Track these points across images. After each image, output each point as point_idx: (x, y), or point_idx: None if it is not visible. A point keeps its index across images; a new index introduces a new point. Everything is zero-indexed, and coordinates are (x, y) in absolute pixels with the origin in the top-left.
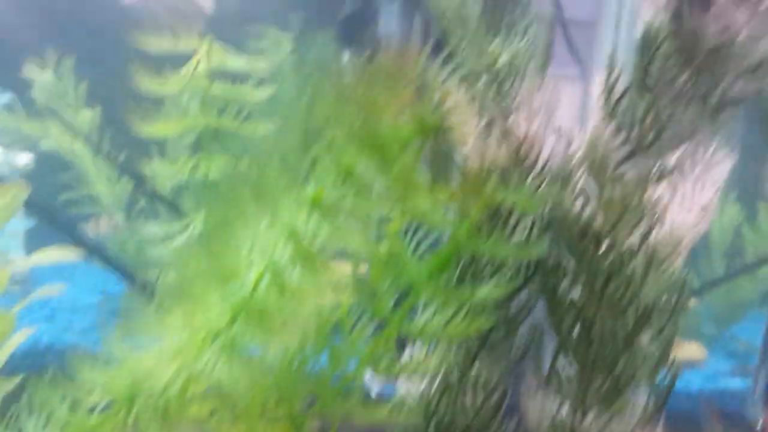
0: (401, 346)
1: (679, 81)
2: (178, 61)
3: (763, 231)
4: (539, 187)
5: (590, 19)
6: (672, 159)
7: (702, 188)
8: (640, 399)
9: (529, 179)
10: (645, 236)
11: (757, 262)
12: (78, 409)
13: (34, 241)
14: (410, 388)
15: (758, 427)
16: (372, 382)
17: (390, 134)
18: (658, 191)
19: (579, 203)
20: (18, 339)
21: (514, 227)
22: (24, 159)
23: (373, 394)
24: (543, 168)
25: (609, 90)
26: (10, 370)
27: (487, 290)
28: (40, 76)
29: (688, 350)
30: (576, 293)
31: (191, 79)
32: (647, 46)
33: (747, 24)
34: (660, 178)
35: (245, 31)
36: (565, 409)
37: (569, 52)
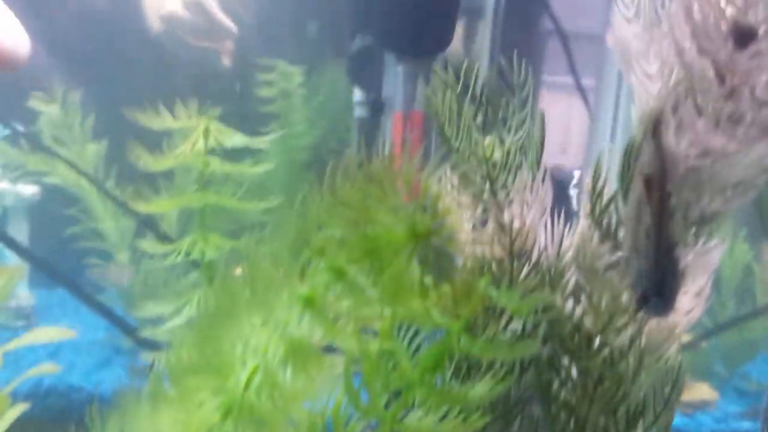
0: None
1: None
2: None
3: None
4: (532, 284)
5: (602, 32)
6: None
7: (695, 275)
8: None
9: (522, 274)
10: (633, 338)
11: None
12: None
13: (38, 276)
14: None
15: None
16: None
17: (383, 238)
18: None
19: (570, 303)
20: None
21: (509, 320)
22: (30, 190)
23: None
24: (537, 263)
25: (596, 197)
26: None
27: (481, 391)
28: (47, 109)
29: (698, 391)
30: (569, 390)
31: (189, 156)
32: (629, 161)
33: (724, 148)
34: None
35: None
36: None
37: (568, 66)
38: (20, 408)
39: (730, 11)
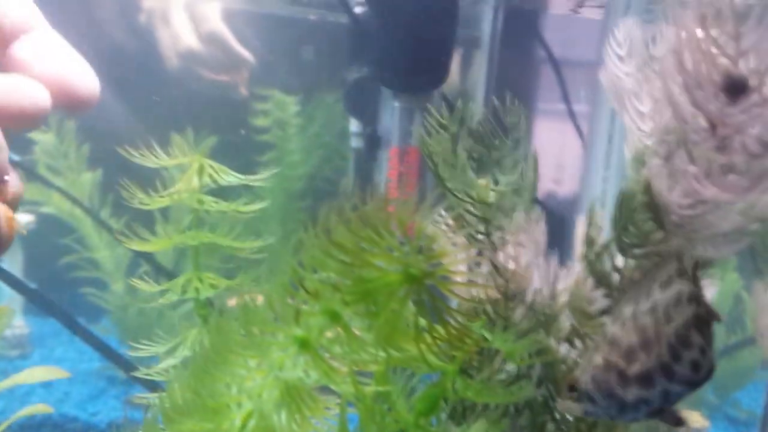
0: None
1: (653, 242)
2: None
3: None
4: (526, 329)
5: (597, 60)
6: None
7: None
8: None
9: (517, 316)
10: None
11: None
12: None
13: (32, 305)
14: None
15: None
16: None
17: (378, 280)
18: None
19: (564, 347)
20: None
21: (504, 361)
22: (25, 219)
23: None
24: (531, 304)
25: (590, 244)
26: None
27: None
28: (43, 138)
29: (690, 419)
30: None
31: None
32: (623, 211)
33: (715, 197)
34: None
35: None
36: None
37: (561, 93)
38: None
39: (721, 61)
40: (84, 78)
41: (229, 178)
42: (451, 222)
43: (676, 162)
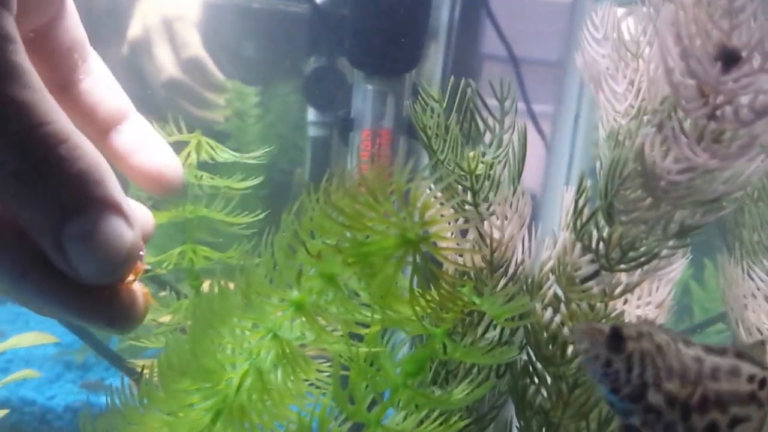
0: None
1: (641, 210)
2: None
3: (709, 288)
4: (512, 294)
5: (560, 60)
6: (635, 275)
7: (658, 287)
8: None
9: (502, 283)
10: None
11: (706, 320)
12: None
13: None
14: None
15: None
16: None
17: (373, 246)
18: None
19: (548, 312)
20: None
21: (487, 328)
22: None
23: None
24: (515, 274)
25: (578, 213)
26: None
27: (460, 394)
28: None
29: None
30: (543, 396)
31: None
32: (612, 178)
33: (705, 164)
34: (623, 292)
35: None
36: None
37: (521, 93)
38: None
39: (716, 34)
40: (174, 164)
41: (224, 155)
42: (440, 194)
43: (668, 130)
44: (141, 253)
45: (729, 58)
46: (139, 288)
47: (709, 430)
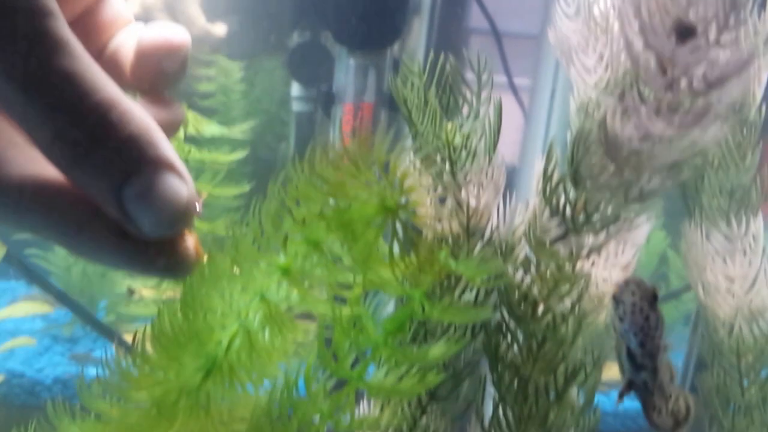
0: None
1: (605, 176)
2: None
3: None
4: (486, 257)
5: (536, 33)
6: (599, 237)
7: (623, 249)
8: None
9: (477, 248)
10: (575, 304)
11: (681, 287)
12: None
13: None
14: None
15: None
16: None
17: (355, 213)
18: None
19: (519, 273)
20: None
21: (463, 291)
22: None
23: None
24: (490, 239)
25: (547, 179)
26: None
27: (438, 351)
28: None
29: (614, 370)
30: (515, 353)
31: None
32: (578, 147)
33: (663, 132)
34: (588, 253)
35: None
36: None
37: (502, 65)
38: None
39: (673, 10)
40: (179, 31)
41: (212, 129)
42: (418, 164)
43: (628, 100)
44: (197, 207)
45: (685, 32)
46: (192, 237)
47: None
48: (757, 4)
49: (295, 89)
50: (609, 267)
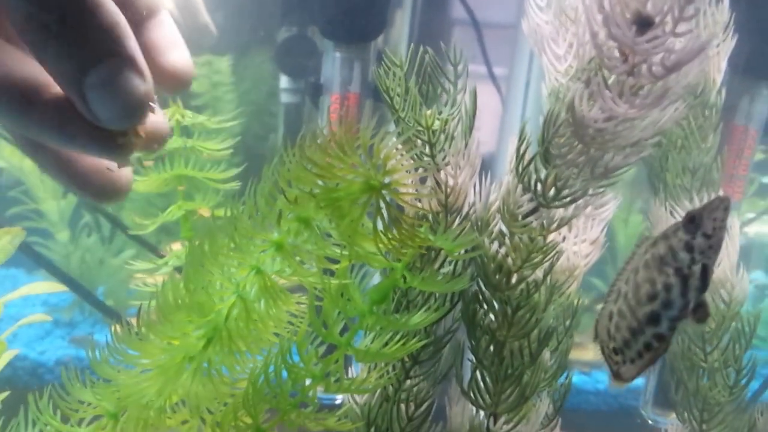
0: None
1: (572, 154)
2: None
3: None
4: (463, 231)
5: (513, 22)
6: (568, 211)
7: (592, 225)
8: (543, 405)
9: (455, 224)
10: (546, 273)
11: None
12: (69, 423)
13: None
14: (355, 399)
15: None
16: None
17: (342, 192)
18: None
19: (494, 245)
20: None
21: (442, 264)
22: None
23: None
24: (467, 215)
25: (519, 158)
26: None
27: (419, 318)
28: None
29: (594, 352)
30: (491, 319)
31: None
32: (548, 127)
33: (625, 113)
34: (558, 226)
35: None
36: (482, 415)
37: (482, 54)
38: (13, 353)
39: (633, 3)
40: (189, 64)
41: (198, 119)
42: (401, 146)
43: (594, 85)
44: (152, 104)
45: (643, 23)
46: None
47: None
48: None
49: (284, 81)
50: (579, 242)
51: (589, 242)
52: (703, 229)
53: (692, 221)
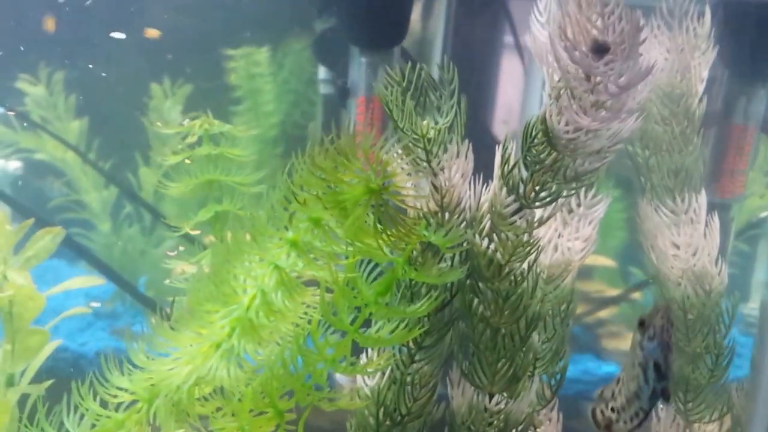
0: (358, 350)
1: (547, 161)
2: None
3: None
4: (452, 227)
5: None
6: (547, 211)
7: (585, 224)
8: (534, 385)
9: (450, 222)
10: (531, 265)
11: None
12: (107, 408)
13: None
14: (365, 381)
15: None
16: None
17: (347, 194)
18: (554, 228)
19: (485, 242)
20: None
21: (441, 259)
22: (14, 165)
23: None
24: (460, 215)
25: (505, 163)
26: None
27: (421, 307)
28: (33, 90)
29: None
30: (486, 307)
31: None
32: (527, 137)
33: (588, 125)
34: (540, 224)
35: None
36: (480, 395)
37: (509, 26)
38: (56, 343)
39: (591, 32)
40: None
41: (222, 128)
42: (400, 152)
43: (562, 102)
44: None
45: (600, 49)
46: None
47: None
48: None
49: (322, 72)
50: (572, 239)
51: (582, 239)
52: (648, 333)
53: (641, 325)
